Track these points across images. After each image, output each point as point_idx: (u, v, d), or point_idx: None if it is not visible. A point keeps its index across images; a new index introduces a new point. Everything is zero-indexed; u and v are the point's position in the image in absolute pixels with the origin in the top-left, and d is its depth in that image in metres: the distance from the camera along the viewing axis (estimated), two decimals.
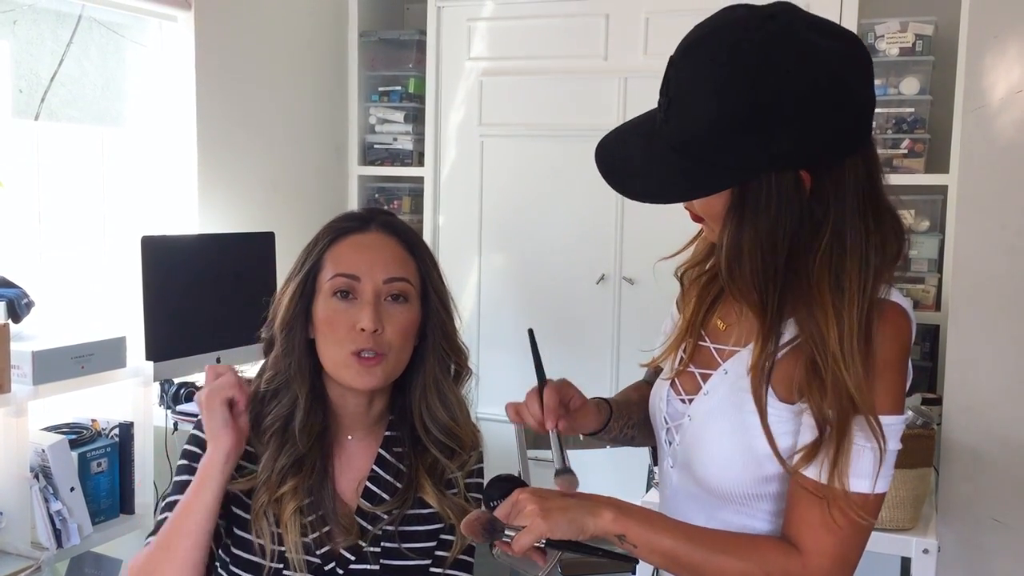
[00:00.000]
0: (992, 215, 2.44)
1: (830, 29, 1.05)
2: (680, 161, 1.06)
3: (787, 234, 1.05)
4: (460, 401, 1.40)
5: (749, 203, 1.05)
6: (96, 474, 2.52)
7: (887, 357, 1.07)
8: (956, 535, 2.49)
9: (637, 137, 1.11)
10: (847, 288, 1.06)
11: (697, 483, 1.19)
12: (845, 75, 1.02)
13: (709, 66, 1.03)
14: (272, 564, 1.28)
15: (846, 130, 1.04)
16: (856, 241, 1.07)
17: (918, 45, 3.24)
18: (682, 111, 1.05)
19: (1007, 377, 2.43)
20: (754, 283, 1.08)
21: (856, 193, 1.07)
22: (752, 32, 1.01)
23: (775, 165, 1.03)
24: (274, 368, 1.33)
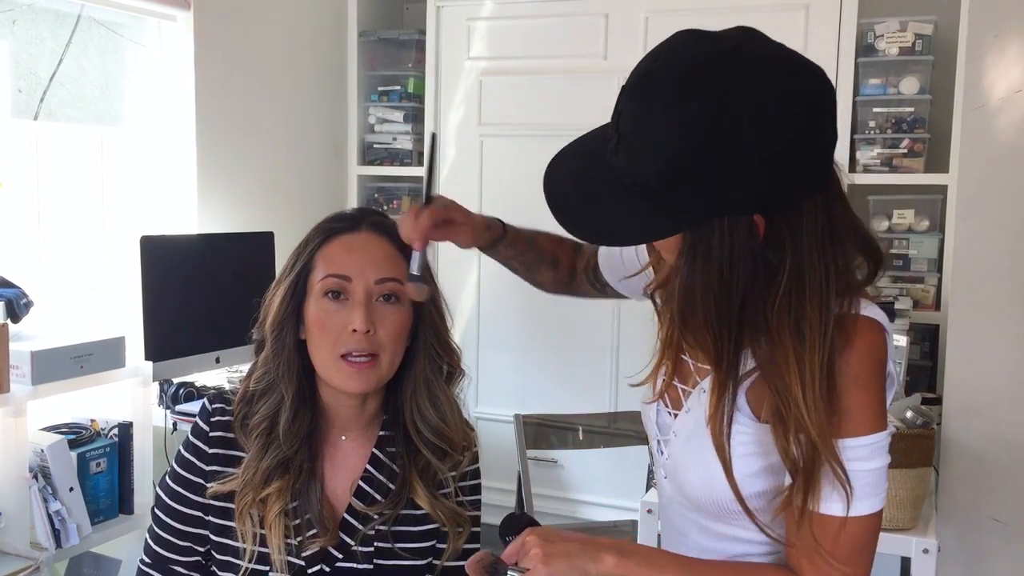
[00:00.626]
0: (992, 215, 2.44)
1: (793, 64, 0.99)
2: (630, 200, 1.01)
3: (741, 281, 1.01)
4: (451, 402, 1.39)
5: (700, 248, 1.01)
6: (95, 474, 2.52)
7: (862, 378, 1.04)
8: (956, 535, 2.49)
9: (588, 168, 1.06)
10: (807, 333, 1.02)
11: (685, 496, 1.19)
12: (804, 121, 0.97)
13: (660, 106, 0.97)
14: (251, 565, 1.28)
15: (803, 176, 0.99)
16: (816, 285, 1.02)
17: (918, 44, 3.24)
18: (632, 150, 1.00)
19: (1007, 377, 2.43)
20: (708, 330, 1.04)
21: (815, 234, 1.01)
22: (707, 71, 0.96)
23: (727, 211, 0.98)
24: (263, 368, 1.33)
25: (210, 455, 1.32)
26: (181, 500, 1.33)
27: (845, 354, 1.03)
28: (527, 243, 1.42)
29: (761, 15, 3.38)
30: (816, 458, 1.03)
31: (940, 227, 3.33)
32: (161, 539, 1.35)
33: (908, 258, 3.37)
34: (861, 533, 1.06)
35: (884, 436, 1.06)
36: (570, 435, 3.18)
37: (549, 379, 3.80)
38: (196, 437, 1.34)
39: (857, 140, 3.36)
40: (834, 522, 1.04)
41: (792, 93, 0.96)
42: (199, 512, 1.32)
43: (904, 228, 3.38)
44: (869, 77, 3.34)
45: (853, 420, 1.04)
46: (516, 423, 3.06)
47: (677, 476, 1.19)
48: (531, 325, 3.83)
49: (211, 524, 1.32)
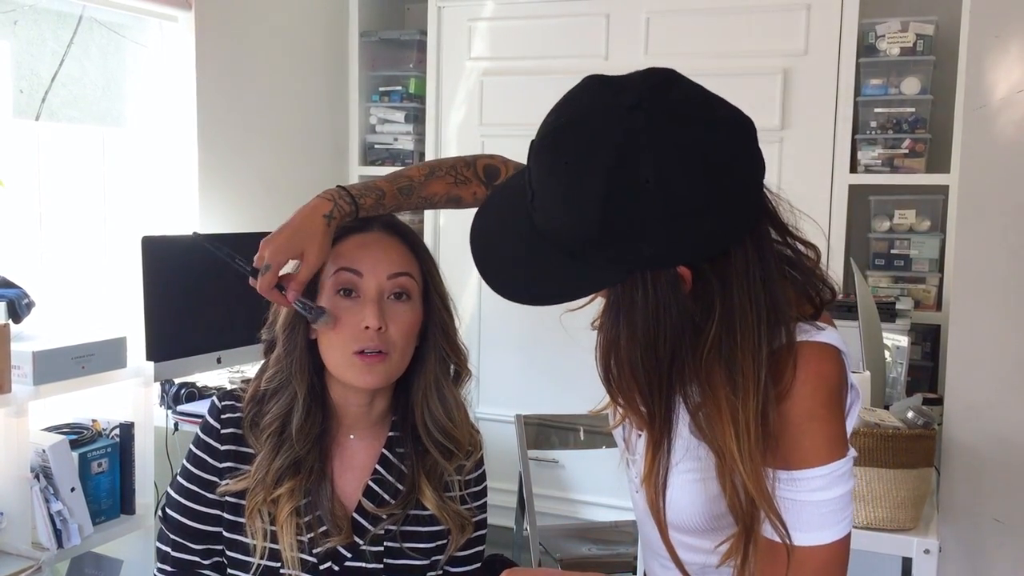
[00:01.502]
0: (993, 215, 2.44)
1: (697, 117, 0.94)
2: (550, 254, 0.97)
3: (667, 336, 0.96)
4: (459, 402, 1.40)
5: (624, 304, 0.97)
6: (97, 474, 2.52)
7: (812, 410, 1.00)
8: (957, 535, 2.48)
9: (511, 225, 1.02)
10: (740, 383, 0.97)
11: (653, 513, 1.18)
12: (717, 172, 0.92)
13: (560, 168, 0.94)
14: (263, 562, 1.28)
15: (720, 228, 0.94)
16: (748, 331, 0.97)
17: (919, 45, 3.24)
18: (544, 207, 0.97)
19: (1008, 377, 2.43)
20: (636, 388, 1.00)
21: (745, 277, 0.97)
22: (606, 131, 0.92)
23: (646, 266, 0.94)
24: (275, 367, 1.33)
25: (223, 452, 1.33)
26: (198, 499, 1.33)
27: (793, 387, 1.00)
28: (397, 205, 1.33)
29: (761, 15, 3.38)
30: (753, 507, 0.99)
31: (941, 227, 3.33)
32: (180, 545, 1.34)
33: (909, 258, 3.37)
34: (825, 562, 1.02)
35: (842, 463, 1.02)
36: (571, 435, 3.18)
37: (550, 379, 3.80)
38: (207, 435, 1.34)
39: (858, 140, 3.36)
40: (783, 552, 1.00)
41: (697, 148, 0.91)
42: (216, 510, 1.33)
43: (905, 228, 3.38)
44: (870, 77, 3.34)
45: (807, 452, 1.01)
46: (517, 423, 3.06)
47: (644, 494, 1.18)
48: (532, 325, 3.83)
49: (224, 521, 1.32)
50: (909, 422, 2.20)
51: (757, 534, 1.01)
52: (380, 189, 1.31)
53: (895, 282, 3.39)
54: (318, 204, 1.26)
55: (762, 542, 1.02)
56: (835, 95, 3.36)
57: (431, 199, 1.35)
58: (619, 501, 3.57)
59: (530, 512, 2.98)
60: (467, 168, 1.37)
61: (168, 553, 1.35)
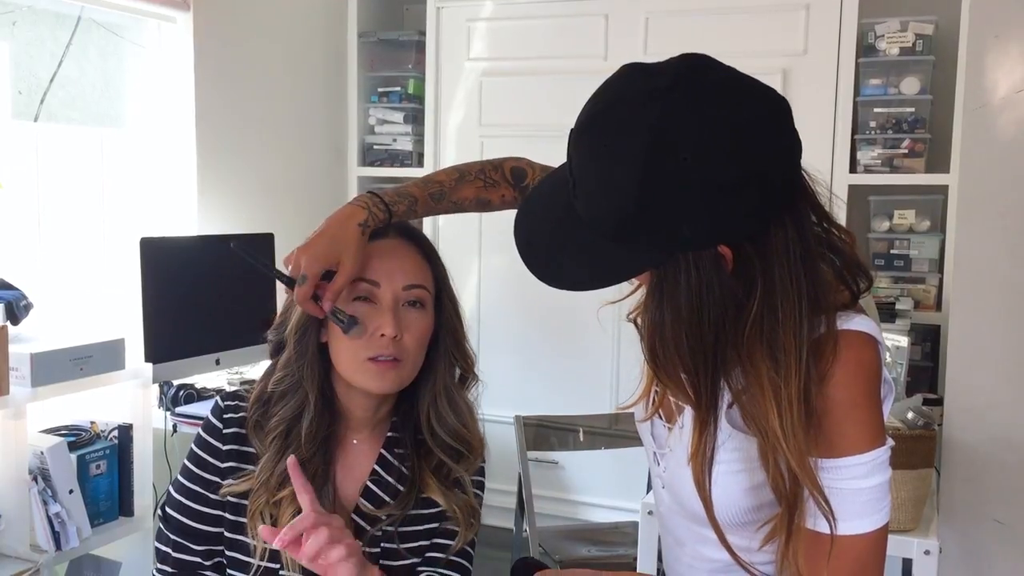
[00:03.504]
0: (993, 215, 2.44)
1: (733, 94, 0.96)
2: (595, 243, 0.98)
3: (711, 315, 0.97)
4: (469, 407, 1.41)
5: (667, 286, 0.98)
6: (95, 476, 2.51)
7: (853, 397, 1.01)
8: (958, 536, 2.48)
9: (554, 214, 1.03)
10: (782, 359, 0.98)
11: (683, 508, 1.18)
12: (753, 149, 0.94)
13: (601, 153, 0.95)
14: (263, 563, 1.28)
15: (760, 205, 0.95)
16: (789, 308, 0.98)
17: (918, 45, 3.24)
18: (586, 193, 0.98)
19: (1008, 377, 2.43)
20: (682, 368, 1.02)
21: (785, 255, 0.98)
22: (645, 109, 0.93)
23: (688, 247, 0.96)
24: (284, 370, 1.33)
25: (225, 452, 1.32)
26: (200, 499, 1.33)
27: (834, 374, 1.01)
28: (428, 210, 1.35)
29: (762, 15, 3.38)
30: (798, 486, 1.00)
31: (941, 227, 3.33)
32: (181, 545, 1.33)
33: (909, 258, 3.37)
34: (865, 551, 1.04)
35: (882, 452, 1.04)
36: (571, 436, 3.18)
37: (550, 380, 3.80)
38: (210, 435, 1.34)
39: (858, 140, 3.35)
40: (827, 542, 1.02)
41: (734, 126, 0.93)
42: (217, 510, 1.32)
43: (905, 228, 3.38)
44: (870, 77, 3.33)
45: (848, 439, 1.02)
46: (517, 424, 3.06)
47: (675, 488, 1.18)
48: (532, 326, 3.83)
49: (226, 521, 1.32)
50: (909, 423, 2.20)
51: (802, 514, 1.01)
52: (412, 195, 1.32)
53: (895, 282, 3.39)
54: (352, 212, 1.26)
55: (802, 532, 1.03)
56: (834, 95, 3.36)
57: (461, 203, 1.36)
58: (619, 502, 3.57)
59: (529, 513, 2.97)
60: (495, 171, 1.39)
61: (168, 554, 1.34)
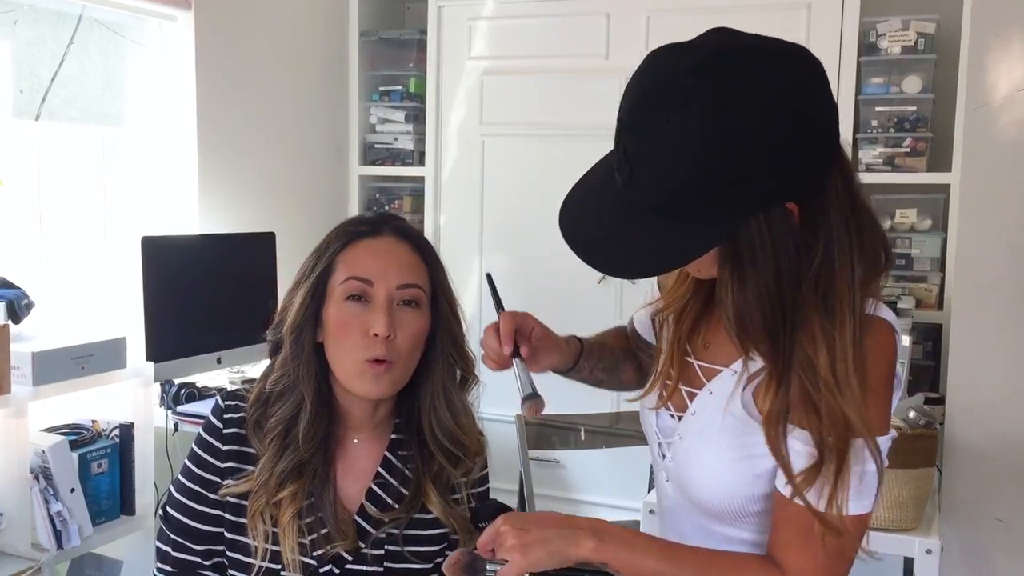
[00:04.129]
0: (994, 214, 2.44)
1: (775, 50, 1.00)
2: (659, 225, 1.00)
3: (790, 274, 1.01)
4: (466, 408, 1.40)
5: (745, 253, 1.00)
6: (97, 475, 2.51)
7: (871, 380, 1.04)
8: (959, 535, 2.48)
9: (605, 205, 1.04)
10: (836, 311, 1.01)
11: (690, 499, 1.18)
12: (805, 101, 0.98)
13: (665, 127, 0.96)
14: (264, 564, 1.28)
15: (819, 153, 1.00)
16: (844, 259, 1.02)
17: (920, 43, 3.24)
18: (648, 176, 0.99)
19: (1010, 376, 2.43)
20: (767, 333, 1.04)
21: (839, 207, 1.03)
22: (697, 79, 0.95)
23: (760, 208, 0.99)
24: (281, 370, 1.33)
25: (225, 452, 1.32)
26: (200, 499, 1.33)
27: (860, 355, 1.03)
28: (601, 347, 1.42)
29: (762, 14, 3.38)
30: (850, 436, 1.02)
31: (943, 226, 3.33)
32: (181, 545, 1.34)
33: (911, 257, 3.36)
34: (853, 533, 1.06)
35: (885, 440, 1.06)
36: (572, 435, 3.17)
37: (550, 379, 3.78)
38: (210, 434, 1.34)
39: (859, 139, 3.35)
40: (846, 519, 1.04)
41: (781, 81, 0.97)
42: (217, 510, 1.32)
43: (906, 227, 3.38)
44: (871, 76, 3.33)
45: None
46: (518, 423, 3.05)
47: (681, 478, 1.19)
48: None
49: (226, 521, 1.32)
50: (911, 422, 2.20)
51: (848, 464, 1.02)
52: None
53: (896, 281, 3.38)
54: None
55: (792, 510, 1.05)
56: (836, 94, 3.34)
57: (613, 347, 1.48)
58: (620, 501, 3.57)
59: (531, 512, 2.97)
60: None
61: (168, 553, 1.34)
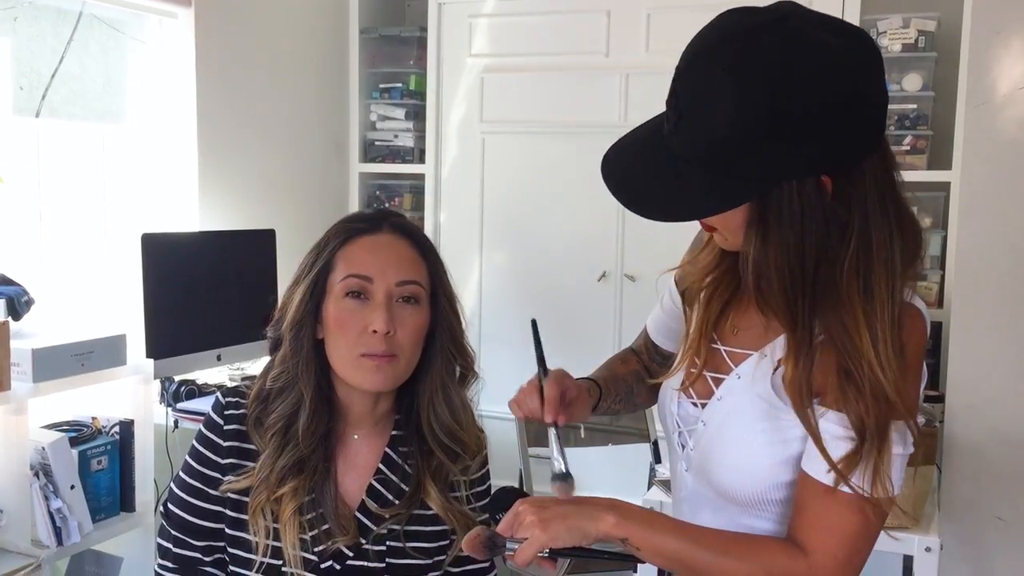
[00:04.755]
0: (995, 212, 2.43)
1: (840, 27, 1.02)
2: (696, 175, 1.02)
3: (814, 244, 1.02)
4: (465, 404, 1.40)
5: (772, 215, 1.02)
6: (96, 472, 2.51)
7: (907, 362, 1.05)
8: (959, 533, 2.48)
9: (647, 151, 1.07)
10: (876, 293, 1.03)
11: (712, 487, 1.18)
12: (860, 76, 0.99)
13: (721, 76, 0.98)
14: (265, 559, 1.28)
15: (865, 131, 1.01)
16: (882, 242, 1.04)
17: (921, 41, 3.23)
18: (695, 124, 1.01)
19: (1010, 374, 2.43)
20: (784, 297, 1.05)
21: (877, 191, 1.04)
22: (763, 38, 0.97)
23: (796, 173, 1.00)
24: (281, 367, 1.33)
25: (225, 448, 1.33)
26: (200, 495, 1.33)
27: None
28: (614, 381, 1.42)
29: None
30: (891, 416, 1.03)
31: (943, 224, 3.32)
32: (182, 541, 1.34)
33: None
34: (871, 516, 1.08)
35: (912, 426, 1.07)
36: (572, 433, 3.17)
37: None
38: (210, 431, 1.34)
39: None
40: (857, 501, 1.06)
41: (843, 53, 0.98)
42: (218, 506, 1.32)
43: None
44: None
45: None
46: (518, 421, 3.05)
47: (705, 466, 1.19)
48: None
49: (227, 518, 1.32)
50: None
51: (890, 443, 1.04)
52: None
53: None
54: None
55: (819, 486, 1.06)
56: None
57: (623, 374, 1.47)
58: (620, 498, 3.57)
59: None
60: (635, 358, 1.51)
61: (169, 549, 1.34)
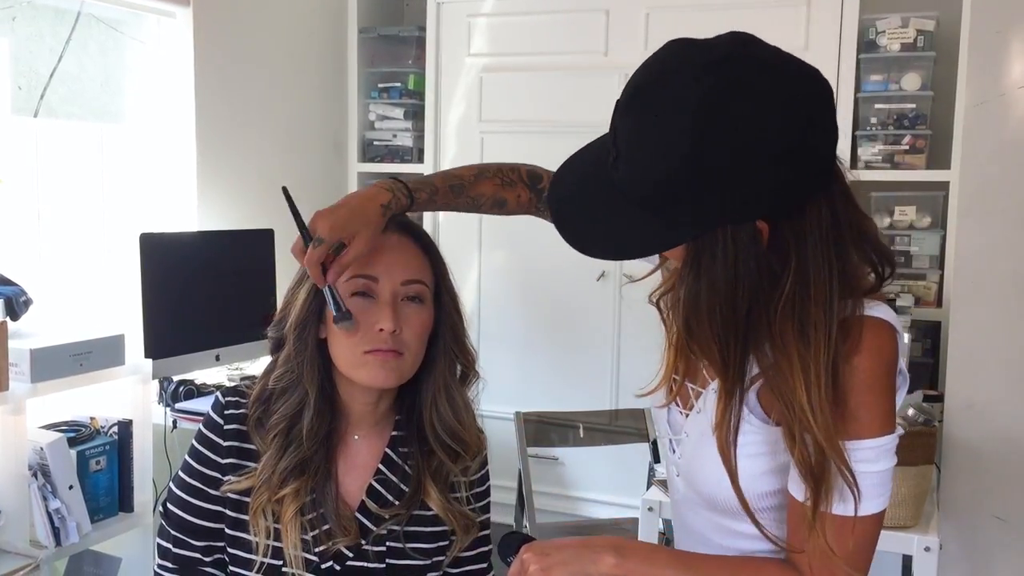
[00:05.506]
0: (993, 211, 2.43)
1: (783, 71, 0.98)
2: (632, 215, 1.01)
3: (746, 288, 1.00)
4: (467, 404, 1.40)
5: (704, 258, 1.01)
6: (95, 472, 2.51)
7: (869, 382, 1.04)
8: (958, 533, 2.48)
9: (589, 184, 1.06)
10: (812, 336, 1.01)
11: (699, 495, 1.18)
12: (799, 126, 0.96)
13: (652, 121, 0.97)
14: (266, 560, 1.28)
15: (803, 177, 0.98)
16: (821, 286, 1.01)
17: (919, 41, 3.24)
18: (630, 163, 1.00)
19: (1009, 373, 2.43)
20: (714, 340, 1.04)
21: (819, 236, 1.01)
22: (697, 83, 0.95)
23: (728, 220, 0.98)
24: (284, 367, 1.33)
25: (225, 448, 1.32)
26: (200, 495, 1.33)
27: (854, 358, 1.03)
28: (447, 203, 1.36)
29: (763, 11, 3.38)
30: (824, 461, 1.02)
31: (942, 224, 3.33)
32: (182, 541, 1.34)
33: (910, 255, 3.37)
34: (865, 533, 1.07)
35: (891, 439, 1.07)
36: (571, 432, 3.17)
37: (550, 376, 3.79)
38: (210, 431, 1.34)
39: (858, 136, 3.35)
40: (846, 523, 1.05)
41: (784, 100, 0.96)
42: (218, 507, 1.32)
43: (906, 225, 3.38)
44: (871, 73, 3.33)
45: (860, 423, 1.04)
46: (517, 420, 3.05)
47: (691, 475, 1.19)
48: (532, 322, 3.83)
49: (227, 518, 1.32)
50: (910, 419, 2.20)
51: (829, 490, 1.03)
52: (434, 185, 1.33)
53: (895, 279, 3.38)
54: (377, 193, 1.26)
55: (804, 508, 1.06)
56: (835, 91, 3.35)
57: (478, 200, 1.37)
58: (619, 498, 3.57)
59: (529, 509, 2.97)
60: (512, 172, 1.40)
61: (169, 549, 1.34)
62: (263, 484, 1.28)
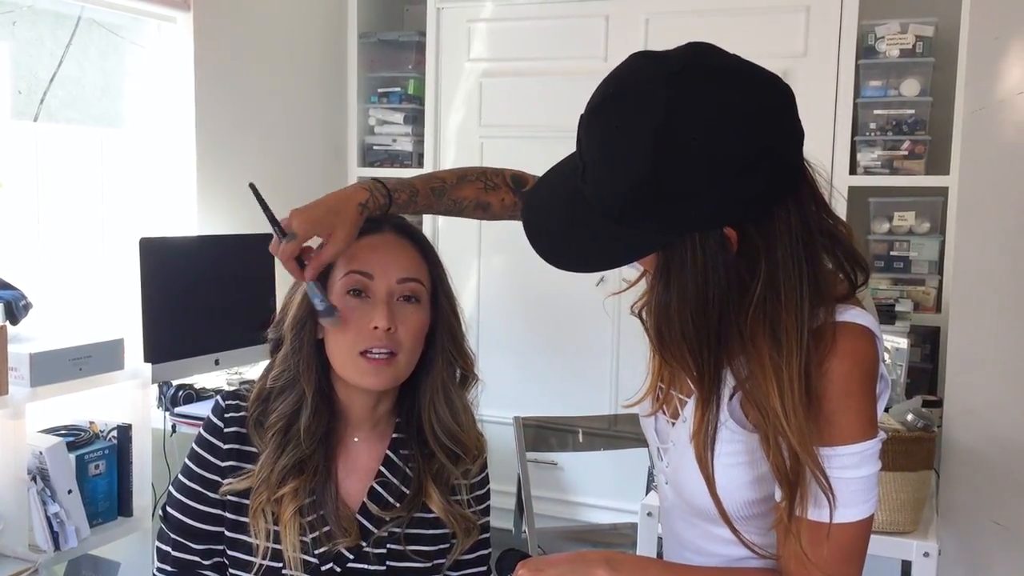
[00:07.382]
0: (993, 217, 2.43)
1: (741, 79, 0.98)
2: (602, 226, 1.01)
3: (716, 295, 1.01)
4: (466, 406, 1.40)
5: (674, 266, 1.01)
6: (94, 476, 2.51)
7: (844, 387, 1.03)
8: (957, 538, 2.48)
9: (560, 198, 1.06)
10: (784, 340, 1.01)
11: (686, 503, 1.19)
12: (759, 132, 0.96)
13: (612, 134, 0.98)
14: (265, 562, 1.28)
15: (767, 188, 0.98)
16: (791, 291, 1.01)
17: (918, 46, 3.24)
18: (595, 176, 1.00)
19: (1008, 379, 2.43)
20: (687, 347, 1.04)
21: (788, 240, 1.01)
22: (656, 92, 0.95)
23: (695, 228, 0.99)
24: (282, 365, 1.33)
25: (225, 451, 1.32)
26: (200, 498, 1.33)
27: (830, 363, 1.02)
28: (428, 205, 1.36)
29: (762, 17, 3.38)
30: (799, 467, 1.02)
31: (941, 229, 3.33)
32: (181, 544, 1.34)
33: (909, 260, 3.37)
34: (851, 539, 1.06)
35: (873, 444, 1.05)
36: (570, 437, 3.17)
37: (549, 381, 3.79)
38: (210, 434, 1.34)
39: (858, 142, 3.35)
40: (821, 529, 1.04)
41: (742, 108, 0.96)
42: (218, 509, 1.32)
43: (905, 230, 3.38)
44: (870, 79, 3.33)
45: (840, 429, 1.03)
46: (516, 425, 3.05)
47: (677, 483, 1.19)
48: (531, 327, 3.83)
49: (227, 520, 1.32)
50: (909, 424, 2.20)
51: (804, 497, 1.03)
52: (414, 187, 1.33)
53: (894, 284, 3.38)
54: (355, 192, 1.27)
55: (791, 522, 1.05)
56: (834, 97, 3.36)
57: (460, 203, 1.38)
58: (617, 503, 3.57)
59: (528, 514, 2.97)
60: (496, 175, 1.41)
61: (168, 553, 1.34)
62: (262, 483, 1.28)
